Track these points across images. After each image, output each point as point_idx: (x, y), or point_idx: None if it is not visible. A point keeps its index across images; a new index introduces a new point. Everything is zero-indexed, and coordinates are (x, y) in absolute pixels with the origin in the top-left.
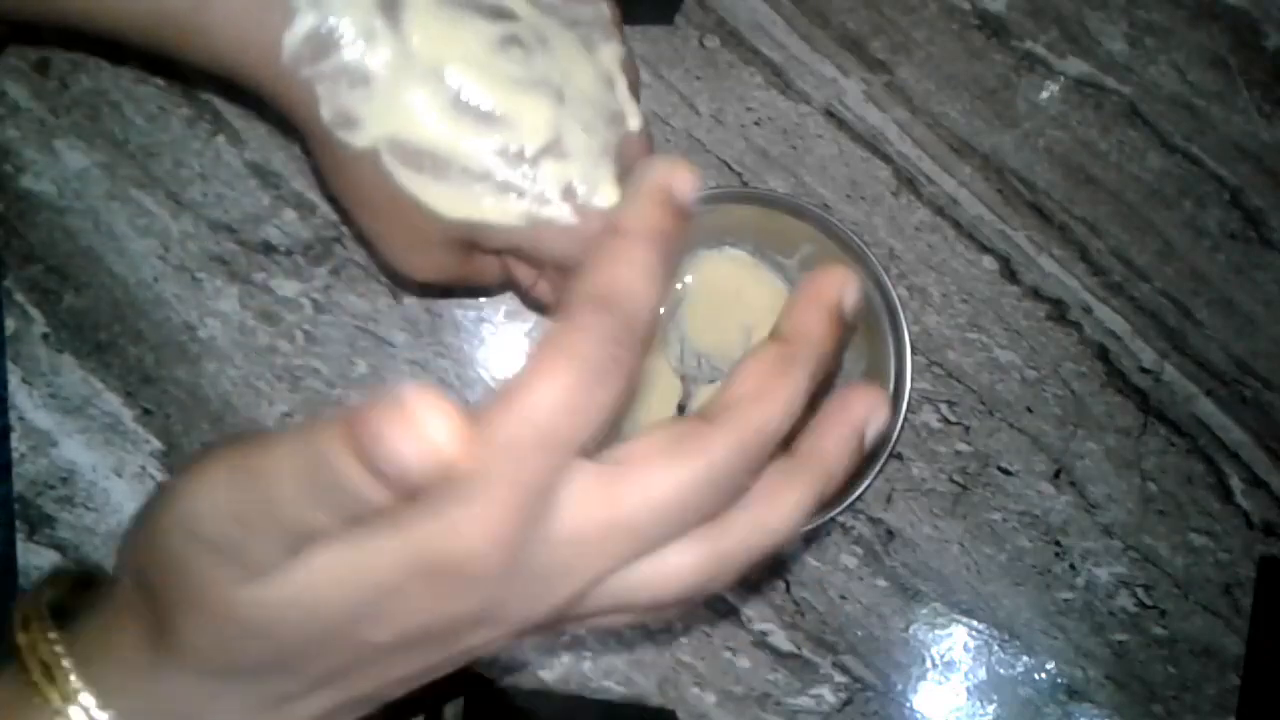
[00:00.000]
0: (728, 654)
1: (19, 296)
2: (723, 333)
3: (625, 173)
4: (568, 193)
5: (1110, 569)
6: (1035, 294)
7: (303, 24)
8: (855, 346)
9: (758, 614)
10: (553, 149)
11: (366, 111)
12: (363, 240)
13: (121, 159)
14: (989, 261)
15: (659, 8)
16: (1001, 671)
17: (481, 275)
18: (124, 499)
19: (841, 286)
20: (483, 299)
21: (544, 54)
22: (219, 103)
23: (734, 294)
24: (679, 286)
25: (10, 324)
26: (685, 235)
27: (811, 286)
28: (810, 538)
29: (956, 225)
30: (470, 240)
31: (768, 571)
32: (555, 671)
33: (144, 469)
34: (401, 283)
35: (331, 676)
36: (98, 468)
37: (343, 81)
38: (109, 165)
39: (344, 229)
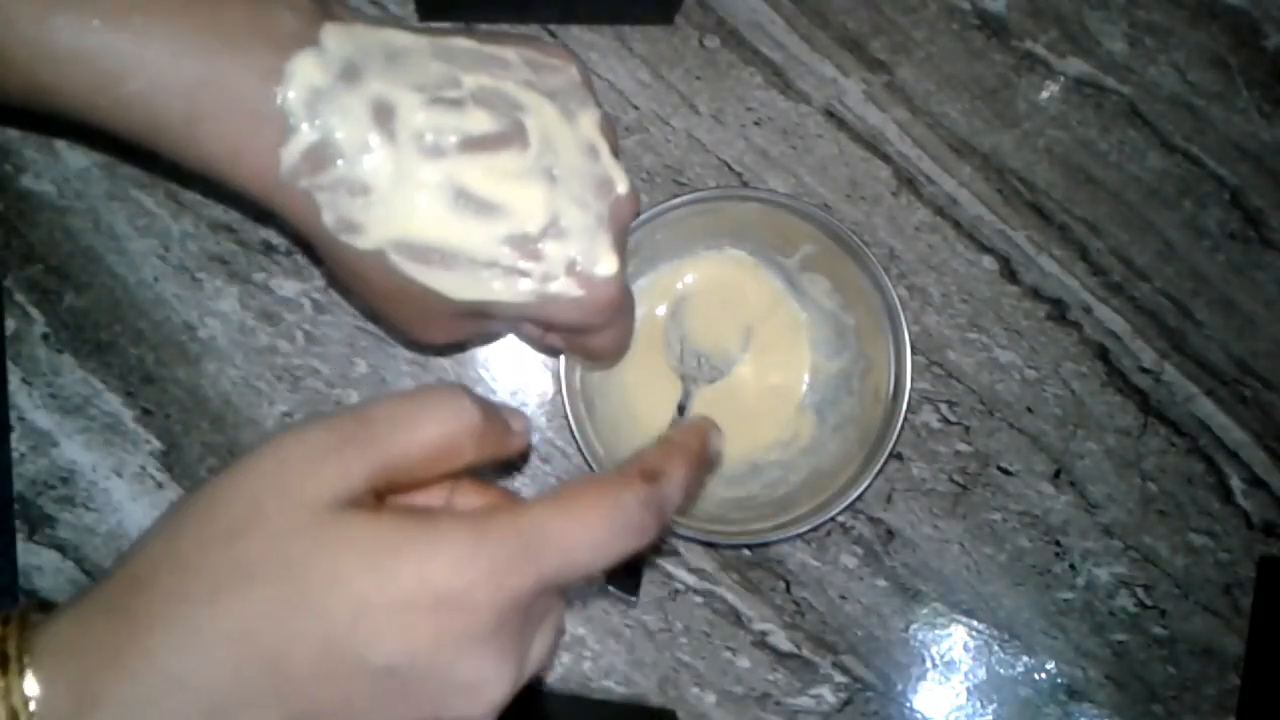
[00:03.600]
0: (728, 654)
1: (19, 296)
2: (723, 333)
3: (620, 235)
4: (571, 267)
5: (1110, 569)
6: (1035, 294)
7: (299, 141)
8: (855, 346)
9: (758, 614)
10: (552, 229)
11: (369, 218)
12: (370, 315)
13: (121, 159)
14: (989, 261)
15: (659, 8)
16: (1001, 671)
17: (491, 333)
18: (124, 499)
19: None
20: None
21: (531, 138)
22: None
23: (734, 294)
24: (679, 286)
25: (10, 324)
26: (704, 479)
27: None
28: (810, 538)
29: (956, 225)
30: (481, 312)
31: (768, 571)
32: (555, 671)
33: (144, 469)
34: (414, 347)
35: (292, 693)
36: (98, 468)
37: (342, 191)
38: (109, 165)
39: None
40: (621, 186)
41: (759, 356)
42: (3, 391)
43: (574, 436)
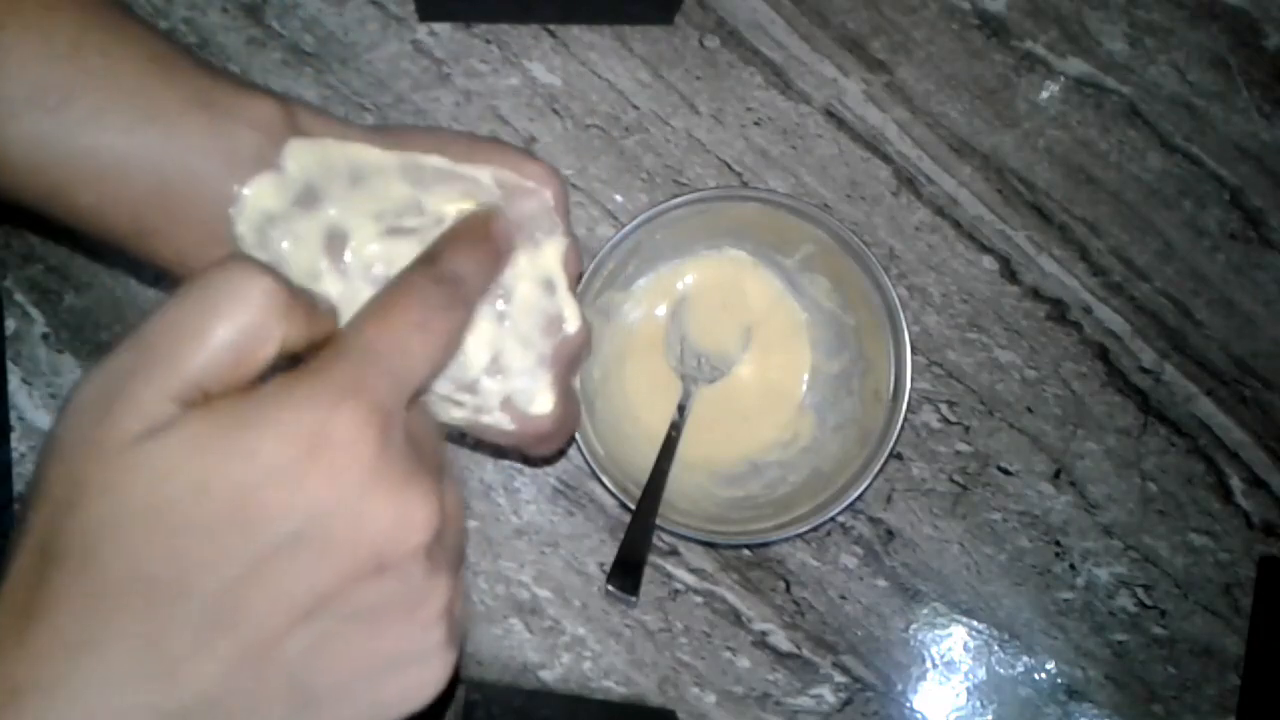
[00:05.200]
0: (728, 654)
1: (19, 296)
2: (723, 333)
3: (563, 371)
4: (506, 404)
5: (1110, 569)
6: (1035, 294)
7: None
8: (855, 346)
9: (758, 614)
10: (491, 367)
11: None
12: None
13: None
14: (989, 261)
15: (659, 8)
16: (1001, 671)
17: None
18: None
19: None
20: None
21: None
22: None
23: (734, 294)
24: (679, 286)
25: (10, 324)
26: (498, 258)
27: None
28: (810, 538)
29: (956, 225)
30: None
31: (768, 571)
32: (555, 671)
33: None
34: None
35: (220, 606)
36: None
37: None
38: None
39: None
40: (571, 325)
41: (759, 356)
42: (3, 391)
43: (574, 436)
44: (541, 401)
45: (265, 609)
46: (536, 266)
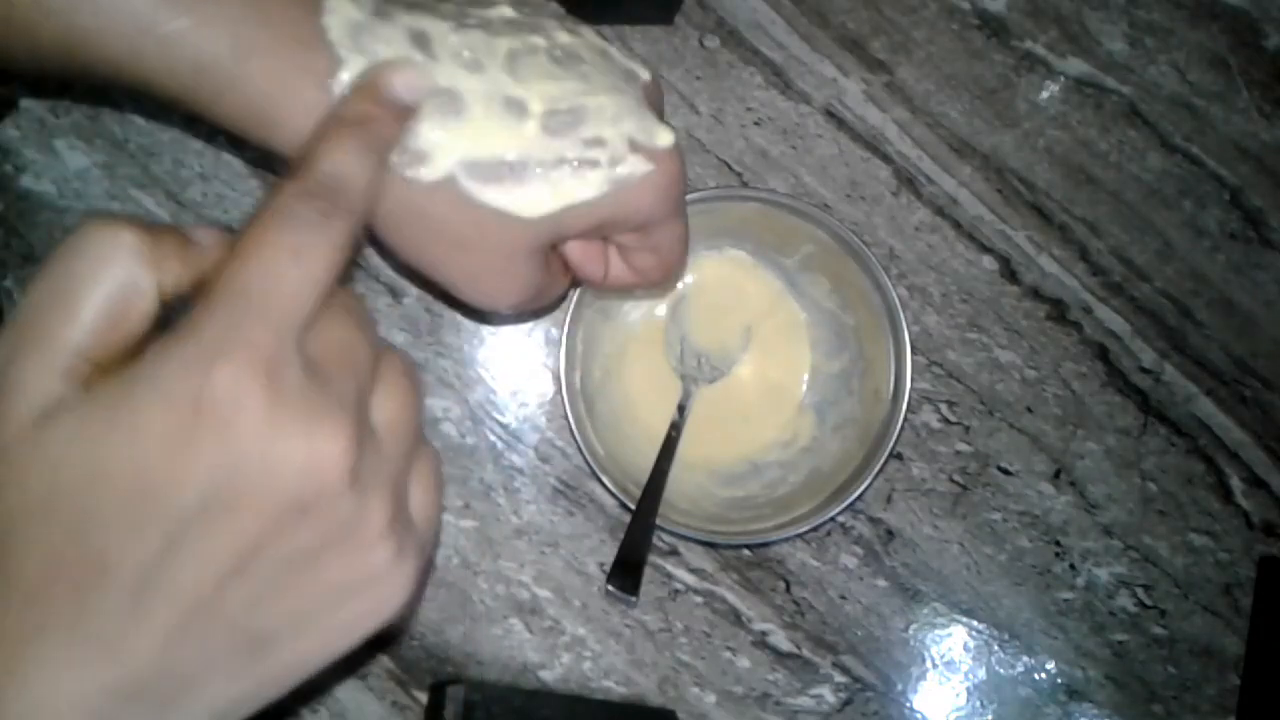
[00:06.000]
0: (728, 654)
1: (19, 297)
2: (723, 333)
3: (659, 115)
4: (634, 146)
5: (1110, 569)
6: (1035, 294)
7: (350, 69)
8: (855, 346)
9: (758, 614)
10: (603, 115)
11: (432, 141)
12: (437, 292)
13: (121, 159)
14: (989, 261)
15: (659, 8)
16: (1001, 671)
17: (556, 285)
18: None
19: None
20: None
21: (555, 45)
22: None
23: (734, 294)
24: (679, 286)
25: None
26: (398, 128)
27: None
28: (810, 538)
29: (956, 225)
30: (555, 236)
31: (768, 571)
32: (555, 671)
33: None
34: (486, 318)
35: (143, 582)
36: None
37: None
38: (109, 165)
39: None
40: (645, 73)
41: (759, 356)
42: None
43: (574, 436)
44: (663, 135)
45: (191, 576)
46: (588, 42)
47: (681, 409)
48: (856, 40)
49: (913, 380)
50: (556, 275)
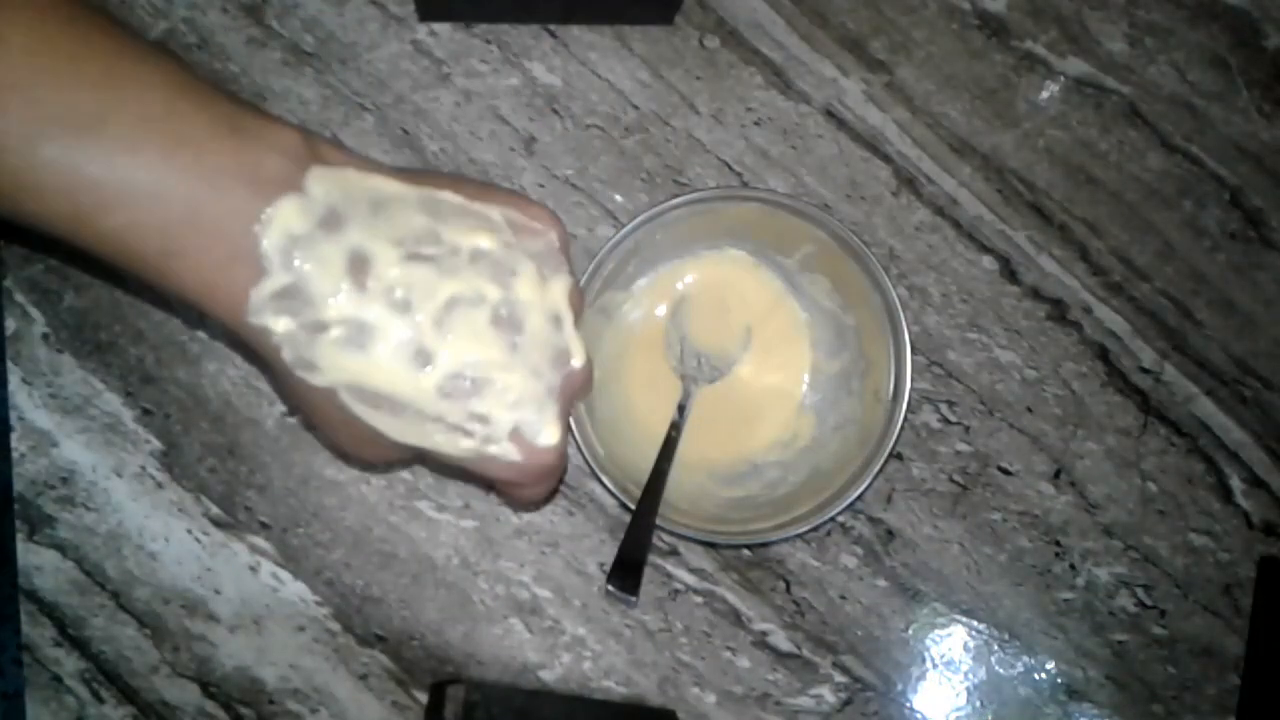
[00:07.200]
0: (728, 654)
1: (19, 296)
2: (723, 333)
3: (567, 405)
4: (515, 434)
5: (1110, 569)
6: (1035, 294)
7: (270, 284)
8: (855, 346)
9: (758, 614)
10: (503, 397)
11: (326, 361)
12: (310, 428)
13: None
14: (989, 261)
15: (659, 8)
16: (1001, 671)
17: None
18: (124, 499)
19: None
20: None
21: (501, 303)
22: None
23: (734, 294)
24: (679, 286)
25: (10, 324)
26: None
27: None
28: (810, 538)
29: (956, 225)
30: (417, 457)
31: (768, 571)
32: (555, 671)
33: (144, 469)
34: (349, 462)
35: None
36: (98, 468)
37: (303, 332)
38: None
39: None
40: (577, 360)
41: (759, 356)
42: (3, 391)
43: (574, 436)
44: (549, 433)
45: None
46: (546, 302)
47: (681, 409)
48: (856, 40)
49: (913, 380)
50: (428, 464)
